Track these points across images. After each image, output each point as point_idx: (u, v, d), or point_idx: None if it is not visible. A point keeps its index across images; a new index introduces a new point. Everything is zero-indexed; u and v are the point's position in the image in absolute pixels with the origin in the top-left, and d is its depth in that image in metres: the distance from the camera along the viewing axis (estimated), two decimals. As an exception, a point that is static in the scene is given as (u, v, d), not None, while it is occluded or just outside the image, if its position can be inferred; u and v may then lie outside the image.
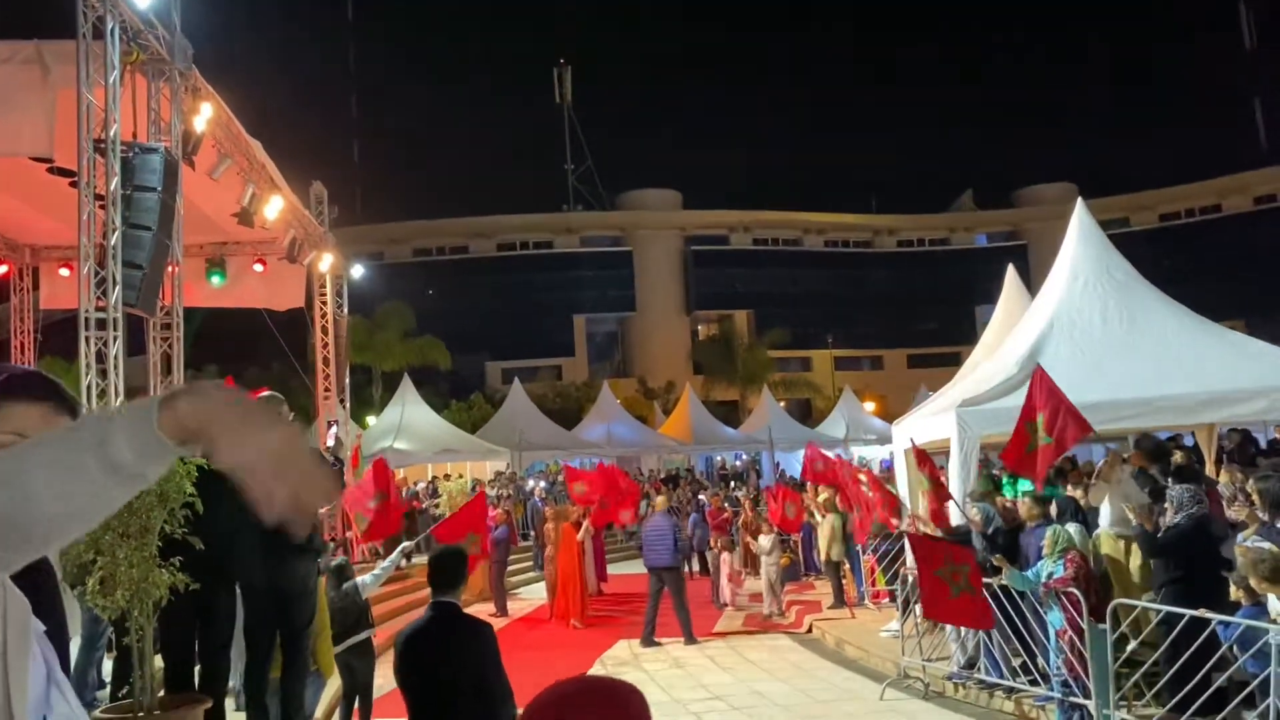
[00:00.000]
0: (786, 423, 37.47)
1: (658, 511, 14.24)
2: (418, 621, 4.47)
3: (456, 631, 4.28)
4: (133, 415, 1.21)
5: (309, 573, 6.45)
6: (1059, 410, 8.72)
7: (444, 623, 4.31)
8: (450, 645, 4.23)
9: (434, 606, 4.42)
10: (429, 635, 4.28)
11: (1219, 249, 56.19)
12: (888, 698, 9.64)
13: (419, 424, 26.92)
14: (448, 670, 4.14)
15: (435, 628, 4.29)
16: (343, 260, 18.21)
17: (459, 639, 4.26)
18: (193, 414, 1.21)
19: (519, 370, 44.44)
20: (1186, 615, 7.07)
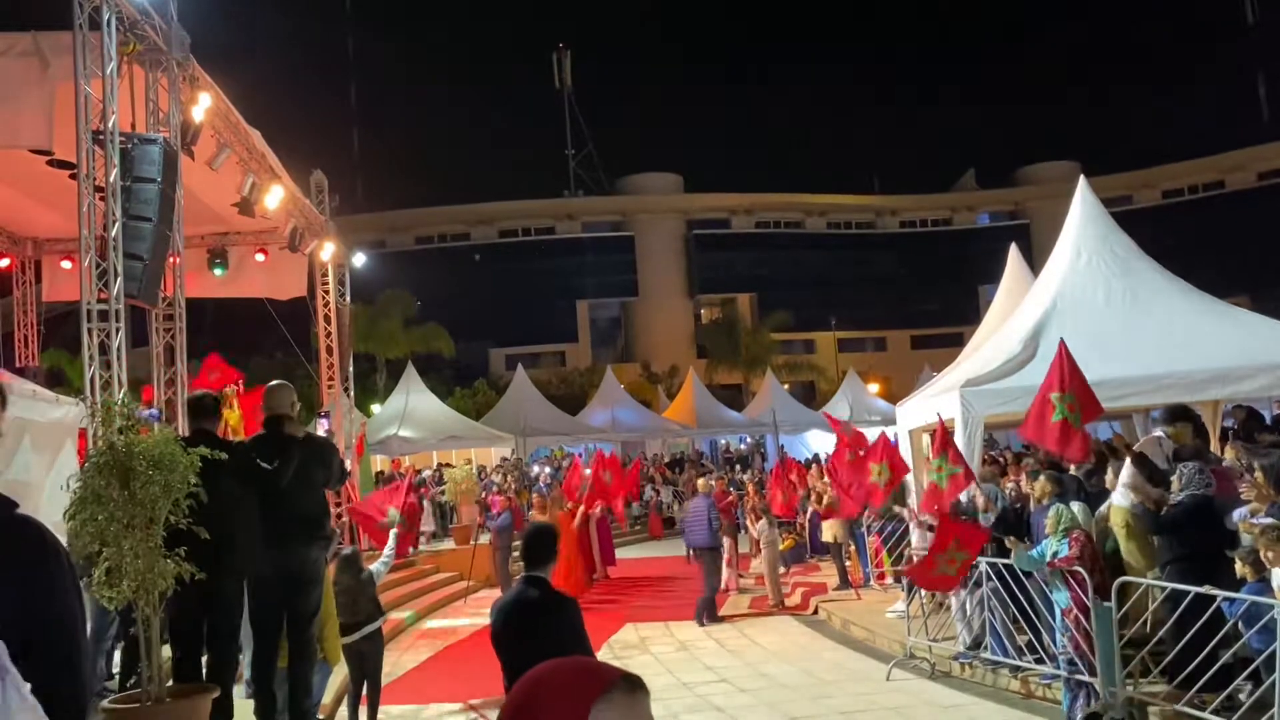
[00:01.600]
0: (790, 405, 37.47)
1: (699, 494, 14.72)
2: (510, 593, 4.81)
3: (543, 604, 4.55)
4: None
5: (317, 560, 6.48)
6: (1080, 388, 8.72)
7: (533, 596, 4.59)
8: (537, 617, 4.51)
9: (524, 580, 4.73)
10: (518, 607, 4.57)
11: (1222, 225, 56.00)
12: (895, 678, 9.67)
13: (423, 411, 26.97)
14: (535, 640, 4.39)
15: (524, 600, 4.59)
16: (344, 249, 18.20)
17: (545, 611, 4.53)
18: None
19: (523, 356, 44.43)
20: (1191, 592, 7.08)
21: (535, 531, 5.04)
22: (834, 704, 8.90)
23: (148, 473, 4.88)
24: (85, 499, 4.91)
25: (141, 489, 4.89)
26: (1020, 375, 10.68)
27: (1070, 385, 8.72)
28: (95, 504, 4.89)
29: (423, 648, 12.82)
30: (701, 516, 13.85)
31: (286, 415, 6.52)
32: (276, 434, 6.39)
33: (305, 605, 6.38)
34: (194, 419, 6.50)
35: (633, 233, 63.27)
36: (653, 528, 26.42)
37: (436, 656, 12.26)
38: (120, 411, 5.22)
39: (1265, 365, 10.03)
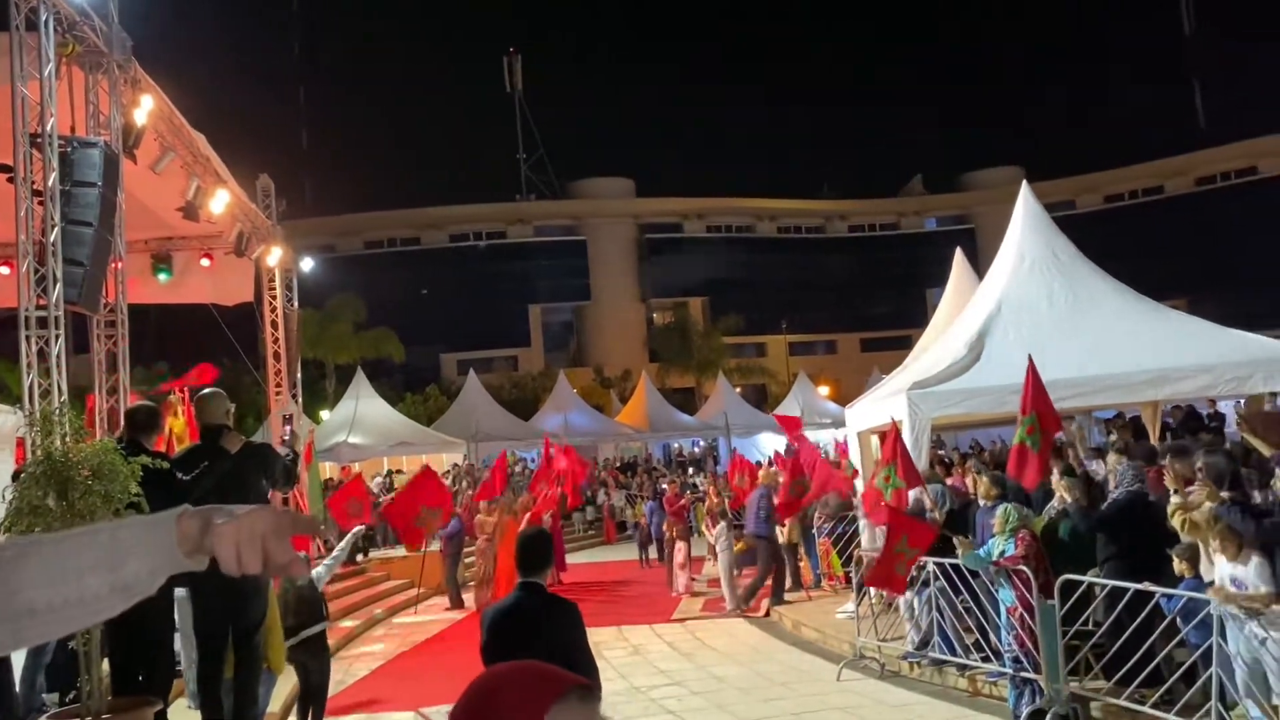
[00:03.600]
0: (742, 408, 37.67)
1: (760, 484, 15.27)
2: (506, 600, 4.64)
3: (543, 610, 4.42)
4: (152, 537, 1.35)
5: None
6: (1043, 407, 8.83)
7: (531, 602, 4.46)
8: (538, 623, 4.36)
9: (521, 587, 4.57)
10: (517, 613, 4.42)
11: (1161, 230, 57.30)
12: (845, 678, 9.76)
13: (373, 417, 26.70)
14: (535, 647, 4.21)
15: (523, 606, 4.44)
16: (292, 253, 17.97)
17: (546, 617, 4.39)
18: (202, 536, 1.36)
19: (474, 361, 44.14)
20: (1131, 589, 7.24)
21: (530, 537, 5.01)
22: (785, 705, 8.96)
23: (87, 482, 4.80)
24: (21, 510, 4.81)
25: (81, 499, 4.80)
26: (966, 378, 10.86)
27: (1034, 405, 8.82)
28: (32, 515, 4.79)
29: (373, 655, 12.69)
30: (753, 506, 14.54)
31: (224, 425, 6.41)
32: (209, 445, 6.29)
33: (250, 615, 6.29)
34: (129, 430, 6.37)
35: (585, 237, 63.24)
36: (607, 532, 26.40)
37: (387, 664, 12.14)
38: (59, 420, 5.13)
39: (1202, 366, 10.29)
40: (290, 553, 1.38)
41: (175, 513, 1.36)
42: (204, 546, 1.35)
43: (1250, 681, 6.32)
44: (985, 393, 10.50)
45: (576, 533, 25.98)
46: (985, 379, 10.60)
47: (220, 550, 1.34)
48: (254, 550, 1.34)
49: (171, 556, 1.35)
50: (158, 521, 1.36)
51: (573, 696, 1.27)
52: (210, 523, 1.35)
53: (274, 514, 1.38)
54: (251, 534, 1.34)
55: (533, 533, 5.04)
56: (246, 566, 1.33)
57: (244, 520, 1.35)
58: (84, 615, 1.34)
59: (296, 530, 1.42)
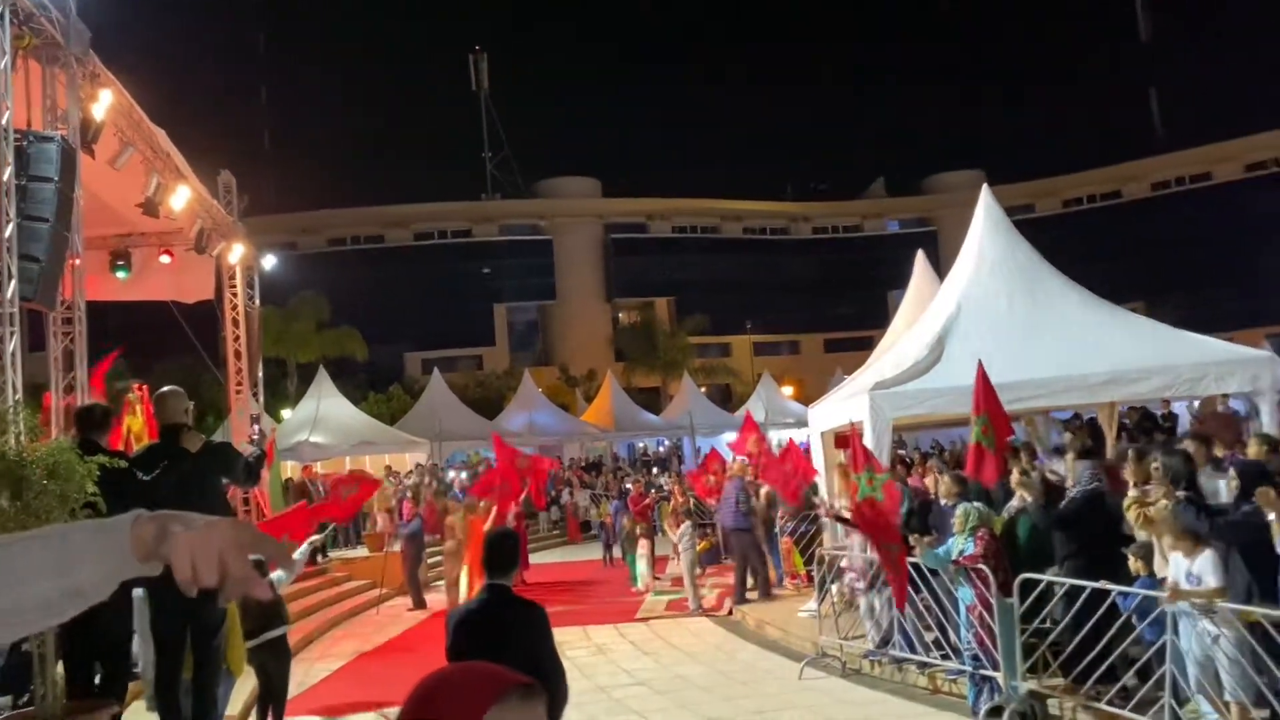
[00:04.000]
0: (707, 408, 37.78)
1: (733, 478, 15.19)
2: (471, 603, 4.65)
3: (508, 612, 4.39)
4: (105, 541, 1.31)
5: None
6: (995, 410, 8.96)
7: (496, 604, 4.43)
8: (503, 625, 4.33)
9: (487, 588, 4.55)
10: (483, 616, 4.40)
11: (1119, 233, 58.21)
12: (806, 676, 9.83)
13: (336, 416, 26.48)
14: (501, 650, 4.22)
15: (488, 609, 4.41)
16: (254, 251, 17.78)
17: (511, 619, 4.36)
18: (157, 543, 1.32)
19: (438, 360, 43.88)
20: (1088, 588, 7.36)
21: (495, 537, 4.99)
22: (748, 704, 9.01)
23: (42, 482, 4.73)
24: (-25, 510, 4.74)
25: (35, 499, 4.73)
26: (926, 378, 10.96)
27: (985, 407, 8.96)
28: (-14, 516, 4.72)
29: (335, 656, 12.60)
30: (730, 499, 14.52)
31: (183, 424, 6.33)
32: (169, 444, 6.20)
33: (209, 618, 6.22)
34: (82, 429, 6.26)
35: (550, 236, 63.12)
36: (570, 532, 26.38)
37: (349, 665, 12.06)
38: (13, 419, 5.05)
39: (1158, 368, 10.46)
40: (248, 568, 1.33)
41: (130, 517, 1.33)
42: (159, 553, 1.31)
43: (1202, 678, 6.45)
44: (946, 393, 10.61)
45: (540, 532, 25.93)
46: (946, 379, 10.71)
47: (175, 560, 1.29)
48: (210, 563, 1.30)
49: (125, 562, 1.31)
50: (112, 526, 1.33)
51: (513, 696, 1.27)
52: (166, 530, 1.31)
53: (234, 527, 1.34)
54: (208, 546, 1.30)
55: (498, 533, 5.03)
56: (201, 579, 1.30)
57: (202, 531, 1.31)
58: (35, 619, 1.32)
59: (258, 549, 1.38)
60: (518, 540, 4.84)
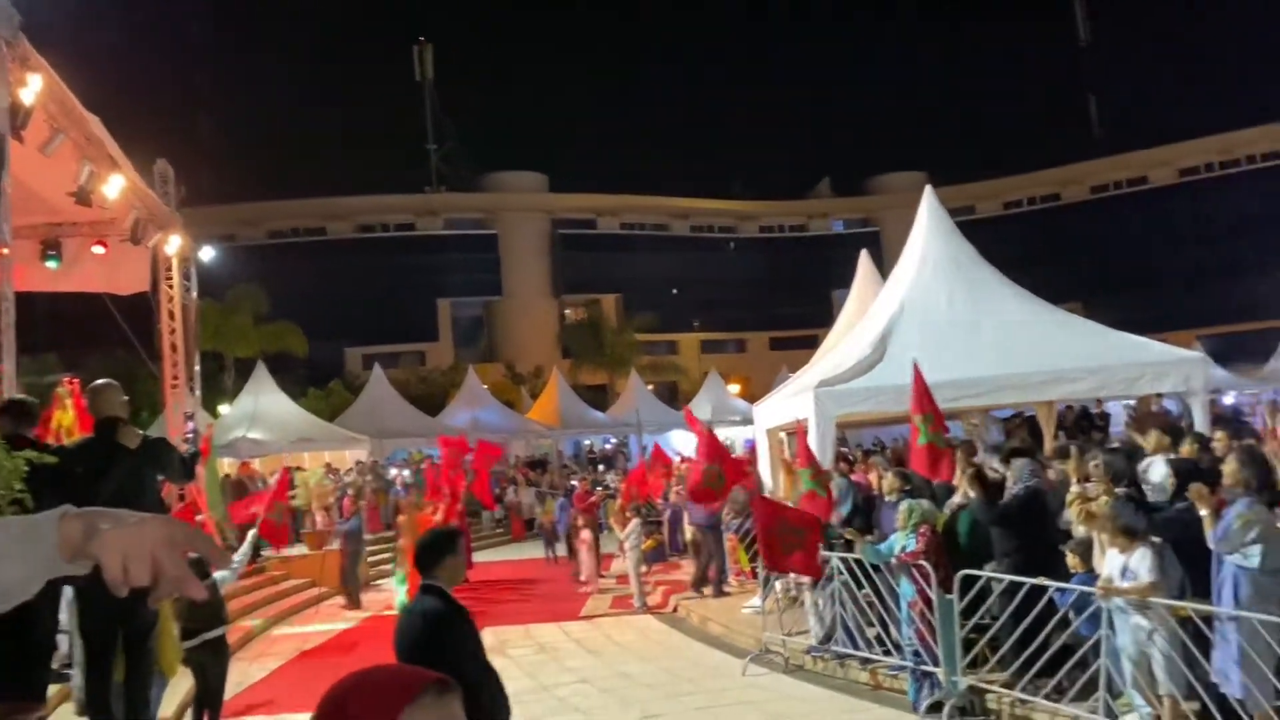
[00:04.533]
0: (654, 405, 37.80)
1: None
2: (411, 605, 4.65)
3: (422, 614, 4.36)
4: (30, 539, 1.25)
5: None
6: (933, 407, 9.11)
7: (420, 604, 4.44)
8: (422, 628, 4.31)
9: (422, 589, 4.55)
10: (410, 615, 4.43)
11: (1058, 235, 59.38)
12: (750, 673, 9.86)
13: (274, 412, 26.04)
14: (423, 651, 4.21)
15: (425, 611, 4.40)
16: (191, 242, 17.39)
17: (424, 622, 4.33)
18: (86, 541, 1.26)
19: (380, 356, 43.34)
20: (1026, 584, 7.47)
21: (426, 535, 4.94)
22: (691, 701, 9.02)
23: (-36, 479, 4.56)
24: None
25: (-42, 495, 4.56)
26: (869, 376, 11.07)
27: (927, 405, 9.09)
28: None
29: (273, 656, 12.38)
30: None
31: (120, 418, 6.13)
32: (106, 439, 6.01)
33: (141, 617, 6.04)
34: (9, 423, 6.04)
35: (497, 231, 62.65)
36: (514, 530, 26.23)
37: (287, 665, 11.86)
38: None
39: (1095, 367, 10.68)
40: (183, 567, 1.27)
41: (57, 514, 1.26)
42: (87, 552, 1.25)
43: (1136, 672, 6.58)
44: (888, 391, 10.73)
45: (484, 531, 25.76)
46: (888, 378, 10.83)
47: (105, 558, 1.23)
48: (142, 562, 1.24)
49: (50, 561, 1.25)
50: (36, 523, 1.27)
51: (428, 695, 1.24)
52: (95, 527, 1.24)
53: (168, 524, 1.28)
54: (140, 544, 1.24)
55: (429, 531, 4.96)
56: (133, 578, 1.24)
57: (134, 529, 1.25)
58: None
59: (192, 546, 1.32)
60: (440, 537, 4.72)
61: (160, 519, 1.29)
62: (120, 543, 1.25)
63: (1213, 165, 59.27)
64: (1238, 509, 6.17)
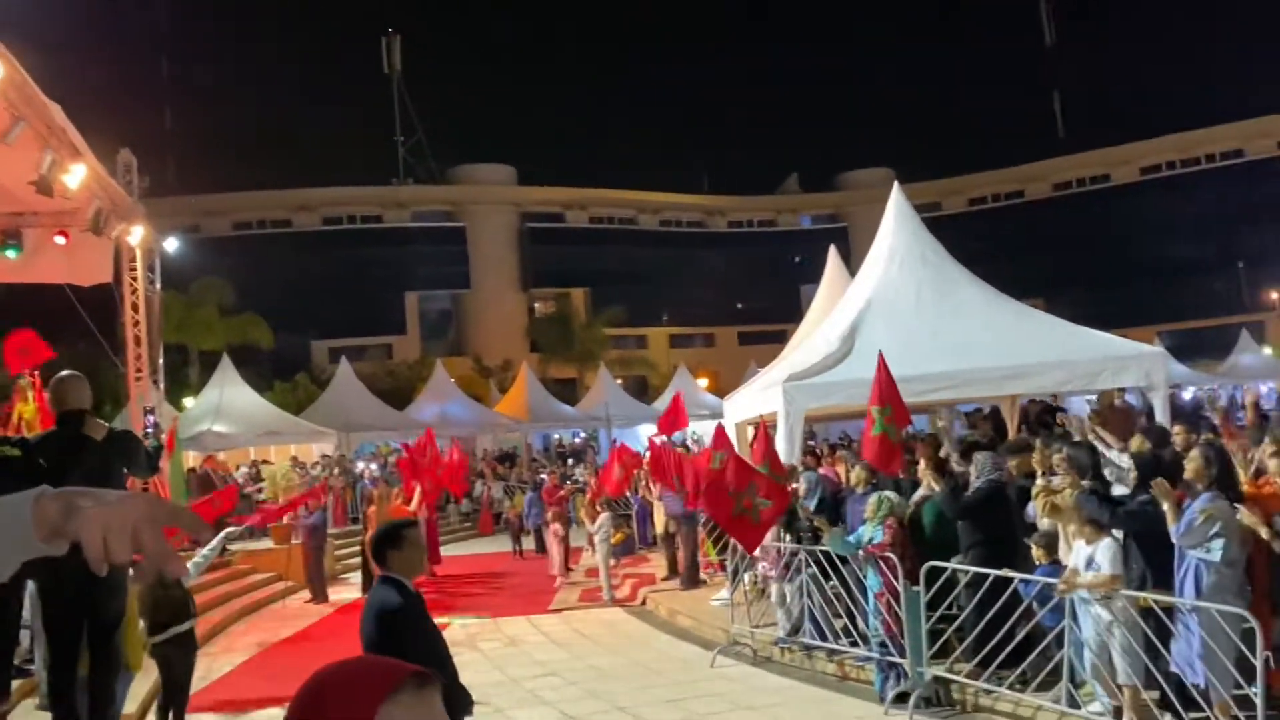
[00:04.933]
0: (623, 400, 37.83)
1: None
2: (369, 596, 4.66)
3: (375, 605, 4.39)
4: (5, 519, 1.24)
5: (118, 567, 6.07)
6: (895, 400, 9.18)
7: (374, 595, 4.49)
8: (374, 619, 4.34)
9: (380, 580, 4.57)
10: (365, 607, 4.45)
11: (1022, 232, 60.01)
12: (718, 665, 9.92)
13: (240, 405, 25.79)
14: (375, 643, 4.26)
15: (370, 599, 4.49)
16: (155, 233, 17.18)
17: (375, 613, 4.35)
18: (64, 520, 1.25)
19: (347, 349, 43.07)
20: (991, 575, 7.57)
21: (380, 527, 4.96)
22: (659, 693, 9.06)
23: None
24: None
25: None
26: (837, 371, 11.15)
27: (887, 397, 9.17)
28: None
29: (239, 650, 12.29)
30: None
31: (85, 410, 6.05)
32: (71, 432, 5.94)
33: (107, 613, 5.98)
34: None
35: (465, 223, 62.27)
36: (483, 524, 26.18)
37: (253, 659, 11.77)
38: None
39: (1057, 362, 10.82)
40: (164, 545, 1.26)
41: (33, 494, 1.25)
42: (65, 531, 1.23)
43: (1098, 662, 6.69)
44: (856, 385, 10.79)
45: (451, 524, 25.68)
46: (856, 372, 10.90)
47: (85, 535, 1.22)
48: (123, 539, 1.22)
49: (26, 541, 1.23)
50: (10, 503, 1.25)
51: (408, 688, 1.21)
52: (74, 506, 1.23)
53: (149, 502, 1.27)
54: (123, 521, 1.23)
55: (382, 524, 5.00)
56: (114, 556, 1.22)
57: (115, 506, 1.24)
58: None
59: (174, 522, 1.31)
60: (391, 530, 4.71)
61: (142, 495, 1.28)
62: (101, 519, 1.23)
63: (1174, 164, 60.15)
64: (1200, 504, 6.29)
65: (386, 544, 4.54)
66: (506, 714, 8.64)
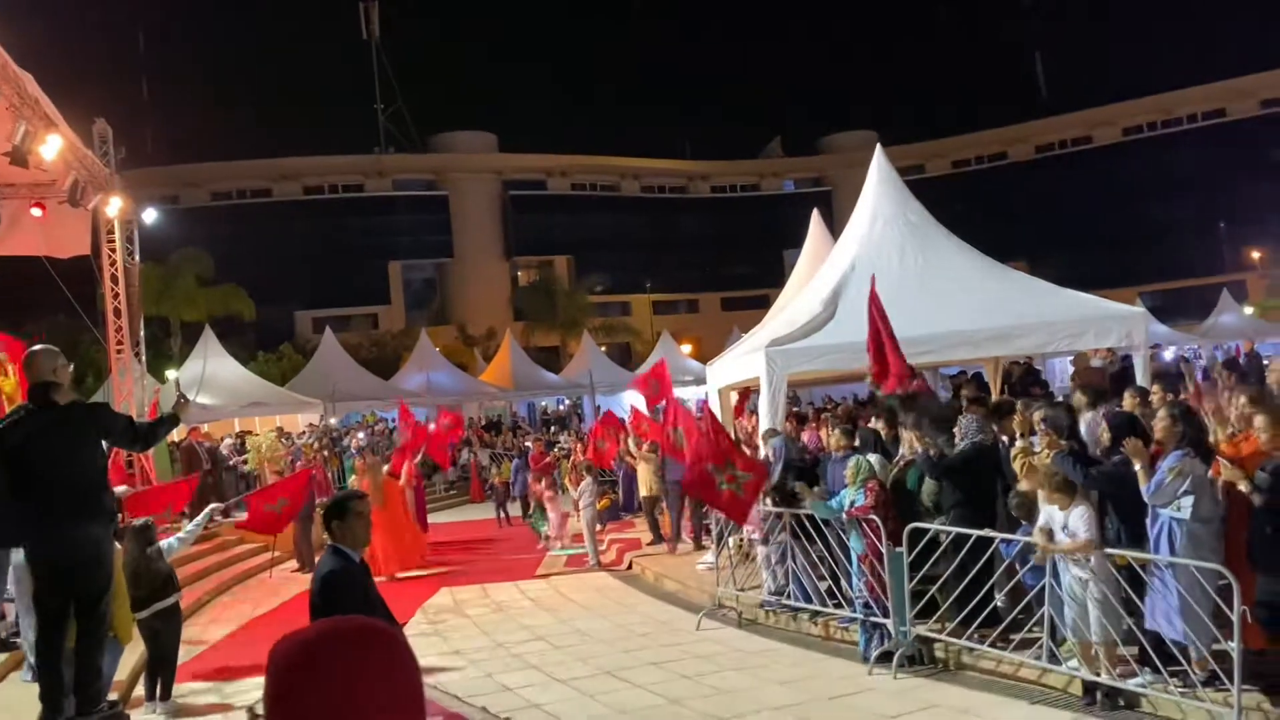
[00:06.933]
0: (607, 366, 37.86)
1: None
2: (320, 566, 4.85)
3: (320, 574, 4.63)
4: None
5: (100, 538, 6.07)
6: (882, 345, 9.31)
7: (321, 565, 4.76)
8: (317, 587, 4.56)
9: (328, 549, 4.78)
10: (328, 580, 4.59)
11: (1005, 194, 60.05)
12: (704, 627, 10.01)
13: (223, 377, 25.68)
14: (317, 609, 4.43)
15: (317, 569, 4.76)
16: (132, 204, 17.02)
17: (319, 581, 4.57)
18: None
19: (331, 319, 42.88)
20: (973, 535, 7.65)
21: (330, 500, 5.13)
22: (646, 655, 9.14)
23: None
24: None
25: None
26: (821, 335, 11.17)
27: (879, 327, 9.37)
28: None
29: (227, 621, 12.32)
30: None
31: (52, 382, 6.05)
32: (37, 402, 5.94)
33: (90, 586, 5.99)
34: None
35: (446, 191, 61.85)
36: (473, 491, 26.25)
37: (241, 629, 11.81)
38: None
39: (1040, 324, 10.86)
40: None
41: None
42: None
43: (1078, 620, 6.78)
44: (839, 349, 10.84)
45: (438, 492, 25.72)
46: (840, 336, 10.93)
47: None
48: None
49: None
50: None
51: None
52: None
53: None
54: None
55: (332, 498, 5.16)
56: None
57: None
58: None
59: None
60: (338, 503, 4.89)
61: None
62: None
63: (1155, 124, 60.17)
64: (1169, 462, 6.37)
65: (333, 515, 4.74)
66: (495, 678, 8.70)
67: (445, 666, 9.16)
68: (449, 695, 8.07)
